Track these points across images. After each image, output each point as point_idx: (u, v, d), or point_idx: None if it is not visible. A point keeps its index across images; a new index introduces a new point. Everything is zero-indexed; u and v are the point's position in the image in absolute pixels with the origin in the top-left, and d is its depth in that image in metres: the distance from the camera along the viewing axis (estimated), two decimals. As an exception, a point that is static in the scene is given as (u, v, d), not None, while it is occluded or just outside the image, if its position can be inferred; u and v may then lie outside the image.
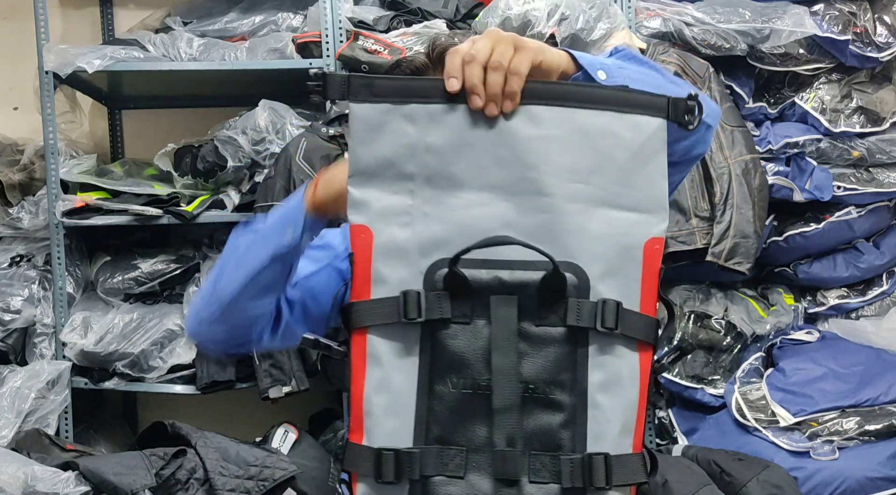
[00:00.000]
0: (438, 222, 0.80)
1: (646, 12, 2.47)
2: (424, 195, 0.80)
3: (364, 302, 0.80)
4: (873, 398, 2.12)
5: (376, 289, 0.80)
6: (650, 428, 2.45)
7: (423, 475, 0.78)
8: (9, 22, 2.97)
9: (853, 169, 2.47)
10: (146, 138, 2.95)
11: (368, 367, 0.80)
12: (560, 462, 0.78)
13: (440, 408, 0.78)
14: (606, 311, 0.78)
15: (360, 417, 0.80)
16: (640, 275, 0.81)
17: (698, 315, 2.38)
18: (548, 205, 0.79)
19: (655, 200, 0.82)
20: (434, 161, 0.80)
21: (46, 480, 1.93)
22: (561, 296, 0.78)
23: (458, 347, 0.78)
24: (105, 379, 2.47)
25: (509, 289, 0.78)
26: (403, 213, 0.80)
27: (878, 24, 2.46)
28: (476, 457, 0.78)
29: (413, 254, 0.79)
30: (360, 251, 0.81)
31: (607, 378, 0.79)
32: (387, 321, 0.79)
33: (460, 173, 0.80)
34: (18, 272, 2.53)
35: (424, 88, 0.80)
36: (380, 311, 0.79)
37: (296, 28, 2.57)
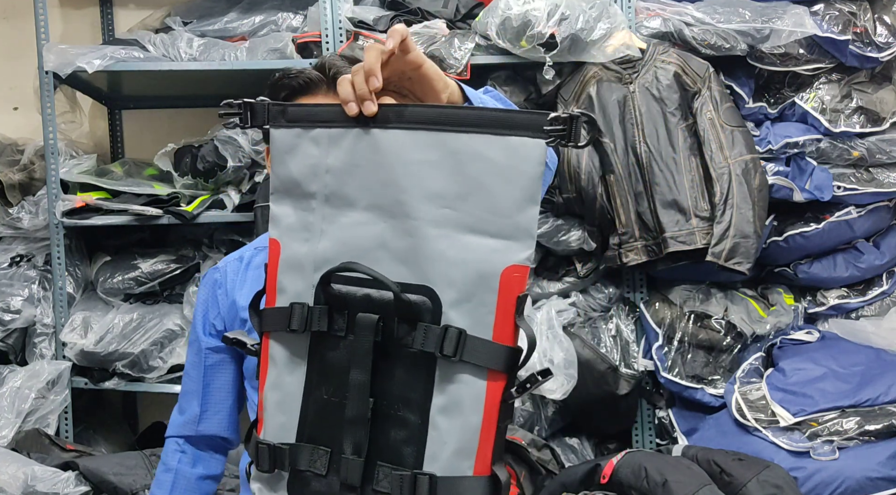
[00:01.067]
0: (329, 239, 0.85)
1: (646, 12, 2.47)
2: (323, 213, 0.86)
3: (268, 309, 0.89)
4: (873, 398, 2.12)
5: (279, 297, 0.88)
6: (650, 428, 2.45)
7: (296, 468, 0.86)
8: (9, 22, 2.97)
9: (853, 169, 2.47)
10: (146, 138, 2.95)
11: (269, 367, 0.89)
12: (400, 475, 0.81)
13: (314, 412, 0.86)
14: (447, 339, 0.79)
15: (261, 412, 0.89)
16: (494, 303, 0.80)
17: (698, 315, 2.38)
18: (414, 228, 0.81)
19: (520, 227, 0.80)
20: (332, 181, 0.85)
21: (46, 480, 1.93)
22: (415, 320, 0.81)
23: (332, 358, 0.85)
24: (105, 379, 2.47)
25: (375, 307, 0.82)
26: (304, 230, 0.87)
27: (878, 24, 2.46)
28: (336, 460, 0.84)
29: (308, 269, 0.86)
30: (270, 262, 0.89)
31: (448, 402, 0.81)
32: (280, 329, 0.87)
33: (351, 193, 0.85)
34: (18, 272, 2.53)
35: (328, 113, 0.85)
36: (276, 320, 0.87)
37: (296, 28, 2.57)
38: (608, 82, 2.39)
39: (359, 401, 0.82)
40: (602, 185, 2.36)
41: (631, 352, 2.41)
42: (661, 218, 2.31)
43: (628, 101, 2.37)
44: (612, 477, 1.94)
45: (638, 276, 2.50)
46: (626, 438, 2.47)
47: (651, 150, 2.33)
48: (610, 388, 2.33)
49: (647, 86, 2.37)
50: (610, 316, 2.47)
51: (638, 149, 2.34)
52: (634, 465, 1.92)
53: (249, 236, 2.53)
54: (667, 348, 2.35)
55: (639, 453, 2.01)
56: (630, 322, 2.45)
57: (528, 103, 2.42)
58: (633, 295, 2.50)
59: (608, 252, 2.39)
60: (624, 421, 2.43)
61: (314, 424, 0.85)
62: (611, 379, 2.34)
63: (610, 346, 2.41)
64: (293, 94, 1.26)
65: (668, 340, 2.36)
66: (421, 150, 0.81)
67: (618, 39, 2.35)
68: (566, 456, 2.36)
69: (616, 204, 2.35)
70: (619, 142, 2.36)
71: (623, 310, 2.49)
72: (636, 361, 2.39)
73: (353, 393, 0.82)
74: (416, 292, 0.80)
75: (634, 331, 2.44)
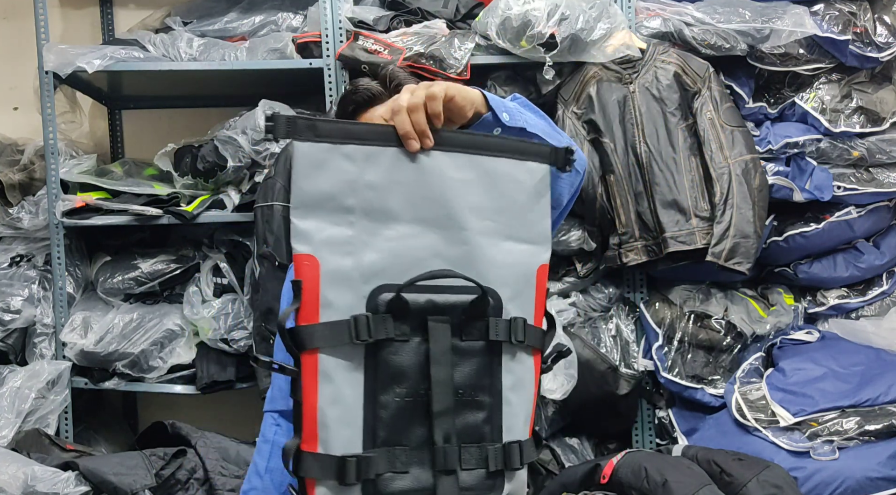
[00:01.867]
0: (377, 251, 0.90)
1: (646, 12, 2.47)
2: (363, 226, 0.90)
3: (314, 326, 0.88)
4: (873, 398, 2.12)
5: (324, 312, 0.89)
6: (650, 428, 2.45)
7: (376, 474, 0.89)
8: (9, 22, 2.97)
9: (853, 169, 2.47)
10: (146, 138, 2.95)
11: (321, 384, 0.88)
12: (486, 451, 0.93)
13: (385, 415, 0.90)
14: (517, 328, 0.96)
15: (314, 429, 0.89)
16: (534, 296, 0.99)
17: (698, 315, 2.38)
18: (467, 238, 0.94)
19: (543, 233, 1.01)
20: (372, 196, 0.90)
21: (46, 480, 1.93)
22: (482, 316, 0.94)
23: (399, 362, 0.90)
24: (105, 379, 2.47)
25: (441, 310, 0.92)
26: (346, 243, 0.89)
27: (878, 24, 2.46)
28: (417, 454, 0.91)
29: (356, 281, 0.89)
30: (307, 278, 0.89)
31: (515, 381, 0.97)
32: (338, 343, 0.88)
33: (394, 207, 0.91)
34: (18, 272, 2.53)
35: (361, 132, 0.90)
36: (332, 334, 0.88)
37: (296, 28, 2.57)
38: (608, 82, 2.39)
39: (444, 395, 0.90)
40: (602, 185, 2.36)
41: (631, 352, 2.41)
42: (661, 218, 2.31)
43: (628, 100, 2.37)
44: (612, 477, 1.94)
45: (638, 276, 2.50)
46: (626, 438, 2.47)
47: (651, 150, 2.33)
48: (610, 388, 2.33)
49: (647, 86, 2.37)
50: (610, 316, 2.47)
51: (638, 149, 2.34)
52: (634, 465, 1.92)
53: (249, 236, 2.53)
54: (667, 348, 2.35)
55: (639, 453, 2.01)
56: (630, 322, 2.45)
57: (528, 103, 2.42)
58: (633, 295, 2.50)
59: (608, 252, 2.39)
60: (624, 421, 2.43)
61: (387, 427, 0.90)
62: (611, 379, 2.34)
63: (610, 346, 2.41)
64: (359, 107, 1.30)
65: (668, 340, 2.36)
66: (460, 170, 0.94)
67: (618, 39, 2.35)
68: (566, 456, 2.36)
69: (616, 204, 2.35)
70: (619, 142, 2.36)
71: (623, 310, 2.49)
72: (636, 361, 2.39)
73: (437, 389, 0.90)
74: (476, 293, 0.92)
75: (634, 331, 2.44)
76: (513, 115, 1.04)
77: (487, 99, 1.01)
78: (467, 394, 0.93)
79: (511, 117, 1.03)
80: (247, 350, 2.44)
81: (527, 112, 1.11)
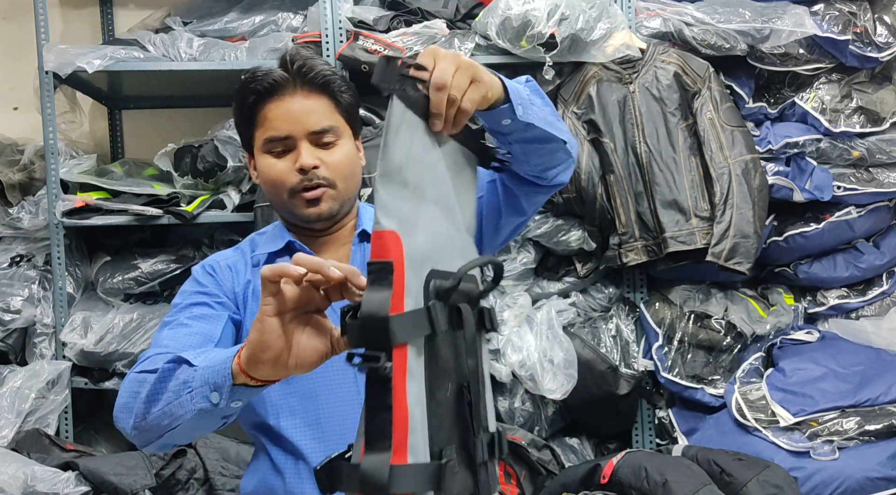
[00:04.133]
0: (422, 233, 0.80)
1: (646, 12, 2.47)
2: (412, 205, 0.80)
3: (403, 315, 0.75)
4: (873, 398, 2.12)
5: (407, 300, 0.76)
6: (650, 428, 2.45)
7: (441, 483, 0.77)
8: (9, 22, 2.97)
9: (853, 169, 2.47)
10: (146, 138, 2.95)
11: (408, 383, 0.75)
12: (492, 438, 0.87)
13: (441, 413, 0.79)
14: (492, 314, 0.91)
15: (404, 436, 0.74)
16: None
17: (698, 315, 2.38)
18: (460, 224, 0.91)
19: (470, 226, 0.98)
20: (417, 172, 0.81)
21: (46, 480, 1.93)
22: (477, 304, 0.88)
23: (446, 355, 0.81)
24: (105, 379, 2.47)
25: (465, 299, 0.84)
26: (408, 222, 0.78)
27: (878, 24, 2.46)
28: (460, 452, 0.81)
29: (418, 265, 0.78)
30: (397, 257, 0.75)
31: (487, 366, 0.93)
32: (420, 334, 0.76)
33: (427, 187, 0.83)
34: (18, 272, 2.53)
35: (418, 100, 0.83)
36: (415, 325, 0.76)
37: (296, 28, 2.57)
38: (608, 82, 2.39)
39: (478, 385, 0.85)
40: (602, 185, 2.36)
41: (631, 352, 2.41)
42: (661, 218, 2.31)
43: (628, 100, 2.37)
44: (612, 477, 1.94)
45: (638, 276, 2.50)
46: (626, 438, 2.47)
47: (651, 150, 2.33)
48: (610, 388, 2.33)
49: (647, 86, 2.37)
50: (610, 316, 2.47)
51: (638, 149, 2.34)
52: (634, 465, 1.92)
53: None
54: (667, 348, 2.35)
55: (639, 453, 2.01)
56: (630, 322, 2.45)
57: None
58: (633, 295, 2.50)
59: (608, 252, 2.39)
60: (624, 421, 2.43)
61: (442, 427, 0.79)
62: (611, 379, 2.34)
63: (610, 346, 2.41)
64: (261, 97, 1.22)
65: (668, 340, 2.36)
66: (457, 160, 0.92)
67: (618, 39, 2.35)
68: (566, 456, 2.36)
69: (616, 204, 2.35)
70: (619, 142, 2.36)
71: (623, 310, 2.49)
72: (636, 361, 2.39)
73: (474, 379, 0.85)
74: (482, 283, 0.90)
75: (634, 331, 2.44)
76: (526, 109, 1.01)
77: (507, 90, 0.98)
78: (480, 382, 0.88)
79: (524, 111, 1.00)
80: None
81: (536, 99, 1.08)
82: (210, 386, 0.92)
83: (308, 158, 1.20)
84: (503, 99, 0.97)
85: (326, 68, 1.24)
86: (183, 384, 0.96)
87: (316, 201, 1.22)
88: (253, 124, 1.25)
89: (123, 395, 1.05)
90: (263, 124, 1.23)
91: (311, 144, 1.22)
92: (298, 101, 1.22)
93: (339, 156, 1.23)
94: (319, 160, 1.21)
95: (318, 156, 1.22)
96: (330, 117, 1.23)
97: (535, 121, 1.02)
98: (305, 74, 1.22)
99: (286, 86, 1.21)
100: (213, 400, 0.92)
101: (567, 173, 1.20)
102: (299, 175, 1.21)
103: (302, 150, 1.21)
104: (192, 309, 1.22)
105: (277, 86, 1.21)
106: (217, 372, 0.92)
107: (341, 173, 1.24)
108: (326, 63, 1.26)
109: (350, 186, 1.27)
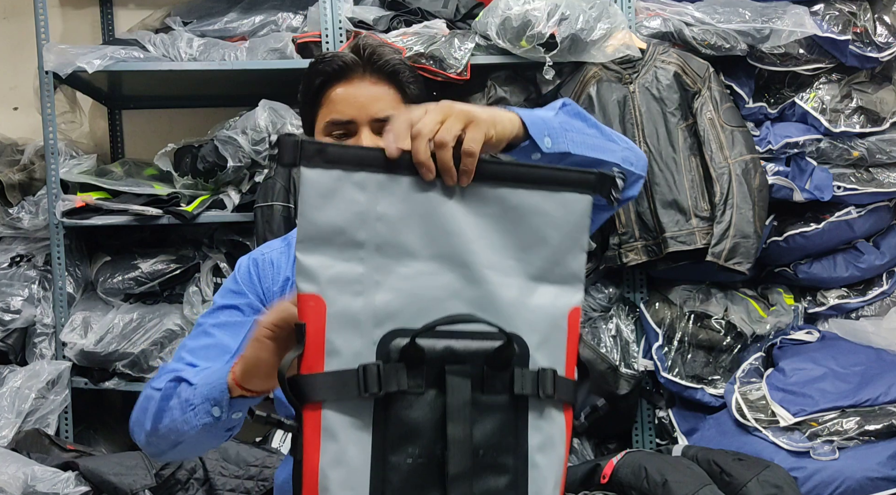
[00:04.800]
0: (390, 291, 0.80)
1: (646, 12, 2.47)
2: (375, 263, 0.80)
3: (318, 375, 0.78)
4: (873, 398, 2.12)
5: (329, 361, 0.78)
6: (650, 428, 2.45)
7: None
8: (9, 22, 2.97)
9: (853, 169, 2.47)
10: (146, 138, 2.95)
11: (323, 442, 0.78)
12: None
13: (396, 479, 0.78)
14: (546, 380, 0.83)
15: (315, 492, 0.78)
16: (565, 343, 0.86)
17: (698, 315, 2.38)
18: (488, 277, 0.82)
19: (575, 274, 0.87)
20: (385, 229, 0.80)
21: (46, 480, 1.93)
22: (506, 366, 0.81)
23: (413, 418, 0.79)
24: (105, 379, 2.47)
25: (460, 359, 0.80)
26: (355, 282, 0.79)
27: (878, 24, 2.46)
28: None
29: (367, 325, 0.79)
30: (312, 321, 0.78)
31: (544, 440, 0.84)
32: (344, 396, 0.77)
33: (410, 242, 0.80)
34: (18, 272, 2.53)
35: (375, 158, 0.80)
36: (337, 386, 0.78)
37: (296, 28, 2.57)
38: (608, 82, 2.39)
39: (461, 456, 0.79)
40: (602, 185, 2.36)
41: (631, 352, 2.41)
42: (661, 218, 2.31)
43: (628, 101, 2.37)
44: (612, 477, 1.94)
45: (638, 276, 2.50)
46: (626, 438, 2.47)
47: (651, 150, 2.33)
48: (610, 388, 2.33)
49: (647, 86, 2.37)
50: (610, 316, 2.47)
51: (638, 149, 2.34)
52: (634, 465, 1.92)
53: (249, 236, 2.53)
54: (667, 348, 2.35)
55: (639, 453, 2.01)
56: (630, 322, 2.45)
57: (528, 103, 2.42)
58: (633, 295, 2.50)
59: (608, 252, 2.39)
60: (624, 421, 2.43)
61: (397, 492, 0.78)
62: (611, 379, 2.34)
63: (610, 346, 2.41)
64: (328, 80, 1.19)
65: (668, 340, 2.36)
66: (482, 203, 0.82)
67: (618, 39, 2.35)
68: (566, 456, 2.36)
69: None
70: (619, 142, 2.36)
71: (623, 310, 2.49)
72: (636, 361, 2.39)
73: (454, 448, 0.78)
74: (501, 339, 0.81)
75: (634, 331, 2.44)
76: (556, 138, 0.92)
77: (526, 123, 0.89)
78: (488, 455, 0.81)
79: (554, 141, 0.92)
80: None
81: (575, 123, 0.99)
82: (210, 401, 0.99)
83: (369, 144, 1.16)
84: (523, 135, 0.90)
85: (396, 58, 1.21)
86: (185, 402, 1.03)
87: None
88: (318, 105, 1.22)
89: (136, 411, 1.13)
90: (327, 105, 1.20)
91: (373, 132, 1.18)
92: (365, 86, 1.19)
93: None
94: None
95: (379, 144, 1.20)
96: (394, 107, 1.19)
97: (571, 148, 0.94)
98: (375, 61, 1.19)
99: (355, 70, 1.18)
100: (215, 413, 0.99)
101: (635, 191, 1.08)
102: None
103: (363, 137, 1.17)
104: (220, 313, 1.23)
105: (346, 69, 1.18)
106: (215, 388, 0.98)
107: None
108: (397, 52, 1.24)
109: None
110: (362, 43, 1.19)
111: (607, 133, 1.04)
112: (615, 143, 1.03)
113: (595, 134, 1.01)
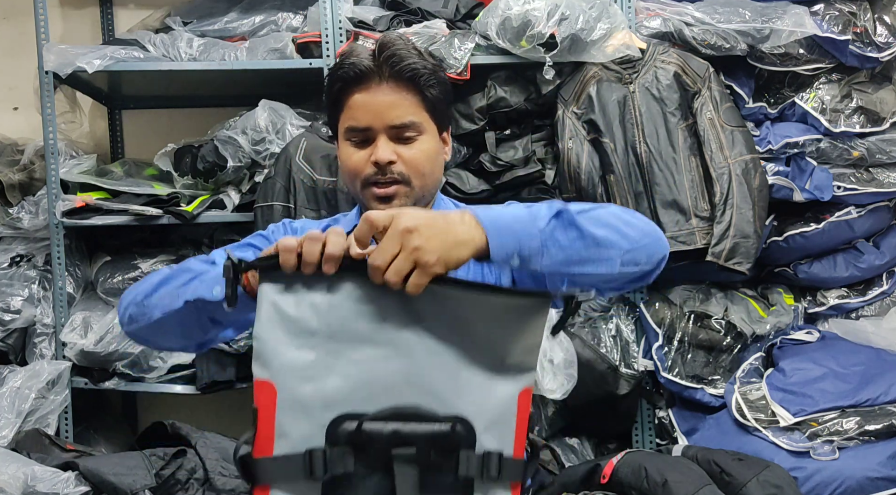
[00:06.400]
0: (341, 377, 0.82)
1: (646, 12, 2.47)
2: (328, 349, 0.82)
3: (267, 459, 0.81)
4: (873, 398, 2.12)
5: (279, 443, 0.81)
6: (650, 428, 2.45)
7: None
8: (9, 22, 2.97)
9: (853, 169, 2.47)
10: (146, 138, 2.95)
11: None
12: None
13: None
14: (490, 463, 0.85)
15: None
16: (514, 424, 0.88)
17: (698, 315, 2.38)
18: (441, 364, 0.84)
19: (529, 364, 0.89)
20: (338, 318, 0.82)
21: (46, 480, 1.93)
22: (453, 449, 0.83)
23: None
24: (105, 379, 2.47)
25: (407, 441, 0.82)
26: (307, 368, 0.82)
27: (878, 24, 2.46)
28: None
29: (316, 409, 0.81)
30: (263, 406, 0.82)
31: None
32: (291, 480, 0.80)
33: (362, 329, 0.83)
34: (18, 272, 2.53)
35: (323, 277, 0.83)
36: (284, 470, 0.80)
37: (296, 28, 2.57)
38: (608, 82, 2.39)
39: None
40: (602, 186, 2.36)
41: (631, 352, 2.41)
42: (661, 218, 2.31)
43: (628, 101, 2.37)
44: (612, 477, 1.94)
45: (638, 276, 2.50)
46: (626, 438, 2.47)
47: (651, 150, 2.33)
48: (610, 388, 2.33)
49: (647, 86, 2.37)
50: (610, 316, 2.47)
51: (638, 149, 2.34)
52: (634, 465, 1.92)
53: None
54: (667, 348, 2.35)
55: (639, 453, 2.01)
56: (630, 322, 2.45)
57: (528, 103, 2.42)
58: (633, 295, 2.50)
59: (608, 252, 2.38)
60: (624, 421, 2.43)
61: None
62: (611, 379, 2.34)
63: (610, 346, 2.41)
64: (347, 85, 1.20)
65: (668, 340, 2.36)
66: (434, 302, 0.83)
67: (618, 39, 2.35)
68: (566, 456, 2.36)
69: (616, 204, 2.35)
70: (619, 142, 2.36)
71: (623, 310, 2.49)
72: (636, 361, 2.39)
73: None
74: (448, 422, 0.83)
75: (634, 331, 2.44)
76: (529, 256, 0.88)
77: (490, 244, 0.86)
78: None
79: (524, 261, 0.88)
80: (247, 350, 2.44)
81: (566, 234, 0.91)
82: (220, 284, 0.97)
83: (384, 153, 1.18)
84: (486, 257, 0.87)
85: (417, 61, 1.19)
86: (198, 274, 1.06)
87: (388, 198, 1.20)
88: (339, 109, 1.23)
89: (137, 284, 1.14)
90: (346, 111, 1.21)
91: (391, 138, 1.19)
92: (383, 92, 1.18)
93: (418, 152, 1.20)
94: (397, 155, 1.19)
95: (397, 150, 1.19)
96: (413, 112, 1.19)
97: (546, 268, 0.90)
98: (393, 65, 1.18)
99: (371, 76, 1.18)
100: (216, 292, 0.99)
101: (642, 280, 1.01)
102: (374, 167, 1.19)
103: (380, 144, 1.18)
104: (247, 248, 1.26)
105: (363, 75, 1.18)
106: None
107: (418, 170, 1.20)
108: (420, 54, 1.22)
109: (427, 184, 1.23)
110: (381, 45, 1.19)
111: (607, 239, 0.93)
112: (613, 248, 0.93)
113: (589, 243, 0.92)
